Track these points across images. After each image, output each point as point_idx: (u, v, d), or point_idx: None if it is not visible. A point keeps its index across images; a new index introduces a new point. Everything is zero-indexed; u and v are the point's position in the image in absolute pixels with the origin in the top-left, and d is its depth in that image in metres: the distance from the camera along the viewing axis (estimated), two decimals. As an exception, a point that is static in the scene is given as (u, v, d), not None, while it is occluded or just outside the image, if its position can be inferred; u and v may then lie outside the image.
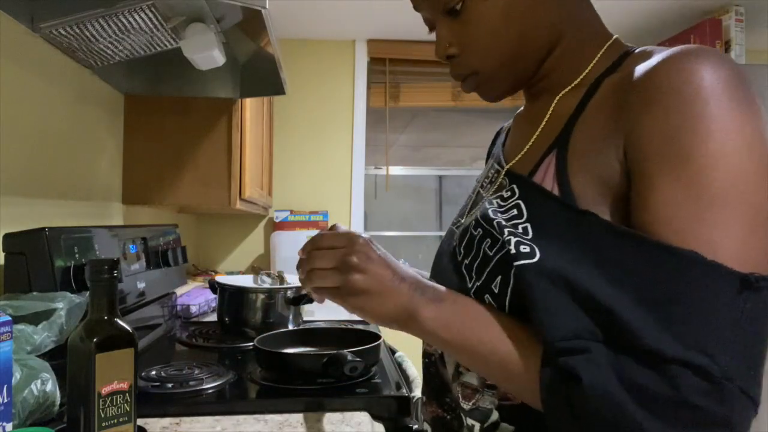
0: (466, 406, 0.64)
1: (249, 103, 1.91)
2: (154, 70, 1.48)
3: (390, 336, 1.53)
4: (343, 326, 1.58)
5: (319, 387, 1.04)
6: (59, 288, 0.98)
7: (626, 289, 0.47)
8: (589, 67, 0.64)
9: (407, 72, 3.07)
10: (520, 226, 0.57)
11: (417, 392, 1.06)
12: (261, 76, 1.53)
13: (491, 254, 0.59)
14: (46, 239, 0.98)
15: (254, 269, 1.70)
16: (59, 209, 1.31)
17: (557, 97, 0.65)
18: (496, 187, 0.68)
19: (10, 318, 0.69)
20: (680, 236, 0.47)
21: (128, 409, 0.67)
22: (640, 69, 0.55)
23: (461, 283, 0.63)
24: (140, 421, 0.82)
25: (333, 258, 0.59)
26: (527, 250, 0.54)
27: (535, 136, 0.66)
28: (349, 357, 1.02)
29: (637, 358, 0.45)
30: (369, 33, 2.92)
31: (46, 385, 0.79)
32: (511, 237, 0.56)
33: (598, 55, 0.64)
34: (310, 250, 0.61)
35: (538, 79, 0.68)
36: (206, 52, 1.17)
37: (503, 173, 0.67)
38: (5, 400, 0.68)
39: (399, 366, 1.27)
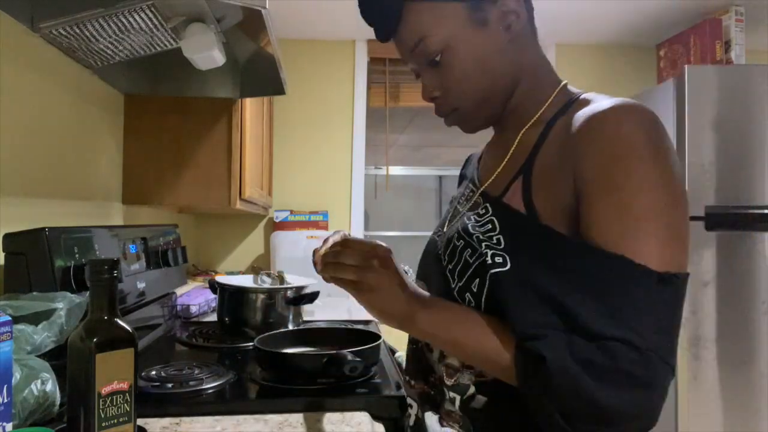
0: (449, 382, 0.79)
1: (249, 103, 1.91)
2: (154, 70, 1.48)
3: (390, 336, 1.53)
4: (343, 326, 1.58)
5: (319, 387, 1.04)
6: (59, 288, 0.98)
7: (575, 287, 0.62)
8: (543, 108, 0.79)
9: (407, 72, 3.07)
10: (494, 237, 0.72)
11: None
12: (261, 76, 1.53)
13: (471, 261, 0.73)
14: (46, 239, 0.98)
15: (254, 269, 1.70)
16: (59, 209, 1.31)
17: (521, 132, 0.80)
18: (471, 204, 0.83)
19: (10, 318, 0.69)
20: (613, 245, 0.62)
21: (128, 409, 0.67)
22: (581, 115, 0.70)
23: (446, 284, 0.77)
24: (140, 421, 0.82)
25: (358, 257, 0.72)
26: (500, 260, 0.68)
27: (503, 163, 0.81)
28: (349, 357, 1.02)
29: (585, 339, 0.59)
30: (369, 33, 2.91)
31: (46, 385, 0.79)
32: (488, 250, 0.70)
33: (551, 98, 0.80)
34: (340, 248, 0.74)
35: (505, 116, 0.83)
36: (206, 52, 1.17)
37: (478, 193, 0.82)
38: (5, 400, 0.68)
39: (399, 366, 1.27)
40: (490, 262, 0.69)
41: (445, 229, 0.87)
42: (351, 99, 3.00)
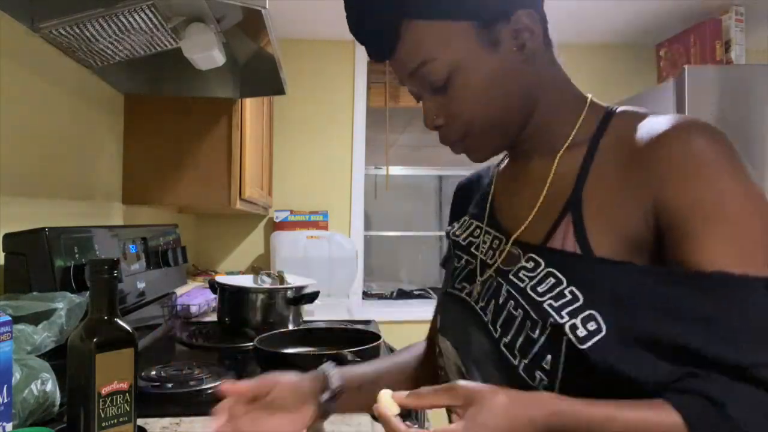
0: None
1: (249, 103, 1.91)
2: (154, 70, 1.48)
3: (390, 336, 1.53)
4: (343, 326, 1.58)
5: (319, 387, 1.04)
6: (59, 288, 0.98)
7: (689, 323, 0.54)
8: (576, 128, 0.70)
9: (407, 72, 3.07)
10: (566, 292, 0.61)
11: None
12: (261, 76, 1.52)
13: (535, 336, 0.62)
14: (46, 239, 0.98)
15: (254, 269, 1.70)
16: (59, 209, 1.31)
17: (556, 160, 0.70)
18: (504, 256, 0.70)
19: (10, 318, 0.69)
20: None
21: (128, 409, 0.67)
22: (644, 136, 0.62)
23: (502, 360, 0.65)
24: (140, 421, 0.82)
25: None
26: (594, 327, 0.58)
27: (540, 202, 0.69)
28: (349, 357, 1.02)
29: (735, 378, 0.52)
30: (369, 33, 2.92)
31: (46, 385, 0.79)
32: (573, 319, 0.59)
33: (582, 116, 0.70)
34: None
35: (521, 141, 0.73)
36: (206, 52, 1.17)
37: (510, 242, 0.70)
38: (5, 400, 0.68)
39: (399, 366, 1.27)
40: (584, 333, 0.58)
41: (475, 286, 0.74)
42: (351, 99, 3.00)
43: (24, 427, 0.75)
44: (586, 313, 0.59)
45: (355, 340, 1.20)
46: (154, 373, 1.11)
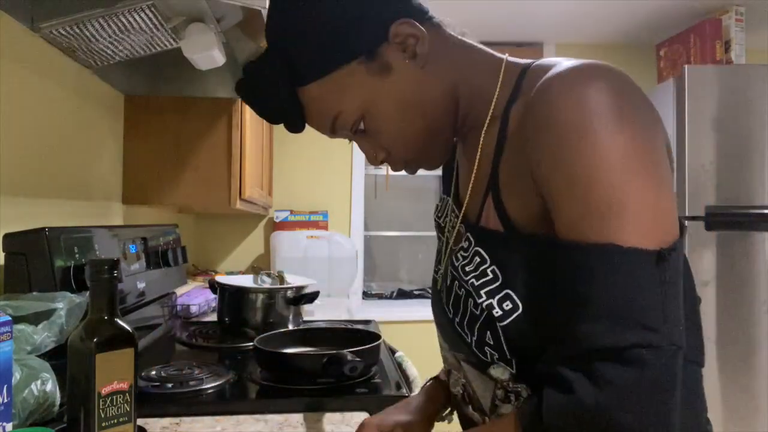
0: None
1: (249, 103, 1.91)
2: (154, 70, 1.48)
3: (390, 336, 1.53)
4: (343, 326, 1.58)
5: (319, 387, 1.04)
6: (59, 288, 0.98)
7: (573, 299, 0.53)
8: (494, 100, 0.67)
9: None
10: (488, 271, 0.63)
11: (417, 392, 1.06)
12: (261, 76, 1.52)
13: (477, 313, 0.65)
14: (46, 239, 0.98)
15: (254, 269, 1.70)
16: (59, 209, 1.31)
17: (481, 137, 0.68)
18: (455, 234, 0.73)
19: (10, 318, 0.69)
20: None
21: (128, 409, 0.67)
22: (534, 97, 0.59)
23: (462, 339, 0.68)
24: (140, 421, 0.82)
25: None
26: (509, 306, 0.60)
27: (472, 180, 0.70)
28: (349, 357, 1.02)
29: (602, 358, 0.50)
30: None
31: (46, 385, 0.79)
32: (489, 298, 0.62)
33: (498, 84, 0.67)
34: None
35: (461, 125, 0.72)
36: (206, 52, 1.17)
37: (459, 220, 0.72)
38: (5, 400, 0.68)
39: (399, 366, 1.27)
40: (499, 313, 0.60)
41: (441, 267, 0.77)
42: (351, 99, 2.99)
43: (24, 427, 0.75)
44: (503, 292, 0.61)
45: (355, 340, 1.20)
46: (154, 373, 1.11)
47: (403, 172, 0.77)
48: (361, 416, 0.96)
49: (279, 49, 0.67)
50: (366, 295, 3.13)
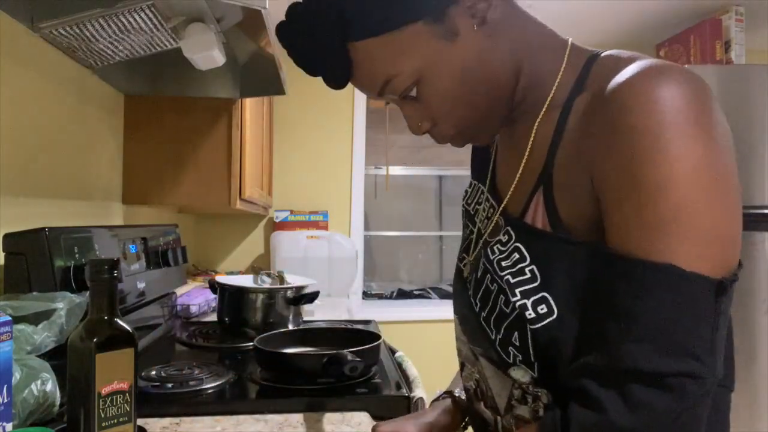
0: None
1: (249, 103, 1.91)
2: (154, 70, 1.48)
3: (390, 336, 1.53)
4: (343, 326, 1.58)
5: (319, 387, 1.04)
6: (59, 288, 0.98)
7: (622, 317, 0.50)
8: (555, 85, 0.63)
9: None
10: (526, 270, 0.59)
11: (417, 392, 1.06)
12: (261, 76, 1.52)
13: (507, 311, 0.61)
14: (46, 239, 0.98)
15: (254, 269, 1.70)
16: (59, 209, 1.31)
17: (535, 124, 0.64)
18: (492, 226, 0.69)
19: (10, 318, 0.69)
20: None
21: (128, 409, 0.67)
22: (600, 93, 0.55)
23: (485, 335, 0.65)
24: (140, 421, 0.82)
25: None
26: (544, 309, 0.57)
27: (520, 170, 0.66)
28: (349, 357, 1.02)
29: (644, 383, 0.48)
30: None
31: (46, 385, 0.79)
32: (524, 298, 0.58)
33: (561, 70, 0.64)
34: None
35: (515, 106, 0.68)
36: (206, 52, 1.17)
37: (498, 212, 0.68)
38: (5, 400, 0.68)
39: (399, 366, 1.27)
40: (532, 315, 0.57)
41: (470, 258, 0.73)
42: (351, 99, 2.99)
43: (24, 427, 0.75)
44: (540, 295, 0.57)
45: (355, 340, 1.20)
46: (154, 373, 1.11)
47: (403, 172, 0.75)
48: (361, 416, 0.96)
49: None
50: (366, 295, 3.13)
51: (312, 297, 1.54)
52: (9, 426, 0.69)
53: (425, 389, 1.08)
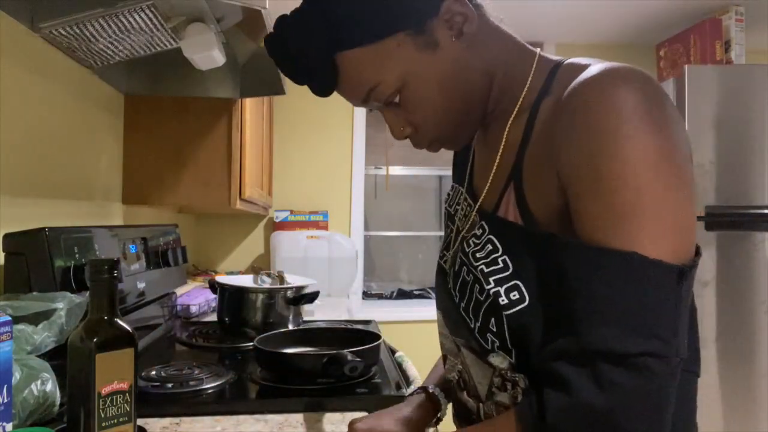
0: None
1: (249, 103, 1.91)
2: (154, 70, 1.48)
3: (390, 336, 1.53)
4: (343, 326, 1.58)
5: (319, 387, 1.04)
6: (59, 288, 0.98)
7: (590, 301, 0.53)
8: (524, 91, 0.68)
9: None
10: (498, 260, 0.64)
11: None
12: (261, 76, 1.53)
13: (482, 299, 0.65)
14: (46, 239, 0.98)
15: (254, 269, 1.70)
16: (59, 209, 1.31)
17: (506, 127, 0.69)
18: (470, 223, 0.73)
19: (10, 318, 0.69)
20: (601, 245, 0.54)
21: (128, 409, 0.67)
22: (566, 93, 0.59)
23: (465, 324, 0.68)
24: (140, 421, 0.82)
25: None
26: (516, 296, 0.61)
27: (494, 170, 0.70)
28: (349, 357, 1.02)
29: (609, 361, 0.51)
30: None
31: (46, 385, 0.79)
32: (498, 286, 0.62)
33: (530, 77, 0.68)
34: None
35: (486, 114, 0.73)
36: (206, 52, 1.17)
37: (475, 209, 0.72)
38: (5, 400, 0.68)
39: (399, 366, 1.27)
40: (505, 301, 0.61)
41: (449, 253, 0.77)
42: (351, 99, 2.99)
43: (24, 427, 0.75)
44: (512, 282, 0.61)
45: (355, 340, 1.20)
46: (154, 373, 1.11)
47: (402, 172, 0.77)
48: (361, 416, 0.96)
49: (321, 9, 0.65)
50: (366, 295, 3.13)
51: (312, 297, 1.54)
52: (9, 426, 0.69)
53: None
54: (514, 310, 0.61)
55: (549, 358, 0.55)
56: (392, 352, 1.37)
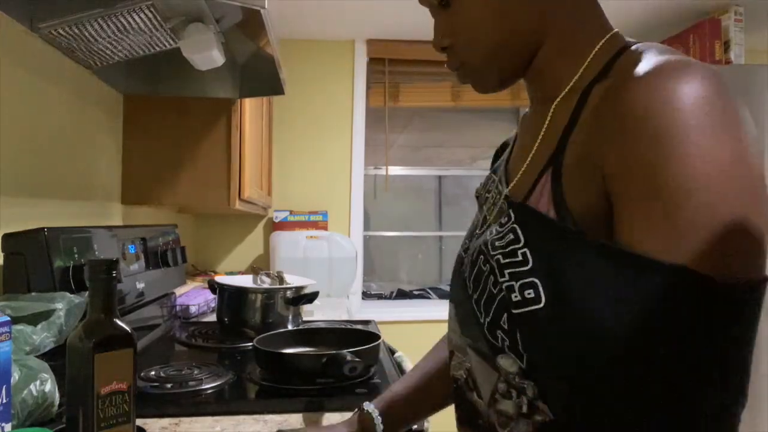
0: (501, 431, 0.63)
1: (248, 103, 1.91)
2: (154, 70, 1.48)
3: (390, 336, 1.53)
4: (343, 326, 1.58)
5: (319, 387, 1.04)
6: (58, 288, 0.98)
7: (619, 313, 0.48)
8: (581, 69, 0.61)
9: (407, 72, 3.07)
10: (518, 252, 0.57)
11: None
12: (260, 76, 1.52)
13: (495, 292, 0.59)
14: (45, 239, 0.98)
15: (254, 269, 1.70)
16: (58, 209, 1.31)
17: (552, 107, 0.63)
18: (497, 211, 0.67)
19: (9, 318, 0.69)
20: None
21: (127, 410, 0.67)
22: (621, 84, 0.53)
23: (476, 319, 0.63)
24: (139, 421, 0.81)
25: None
26: (531, 294, 0.54)
27: (531, 154, 0.64)
28: (348, 357, 1.02)
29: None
30: (368, 33, 2.92)
31: (45, 385, 0.79)
32: (513, 281, 0.56)
33: (592, 54, 0.62)
34: None
35: (533, 78, 0.68)
36: (206, 52, 1.17)
37: (502, 197, 0.67)
38: (4, 401, 0.68)
39: (399, 366, 1.27)
40: (517, 298, 0.54)
41: (471, 243, 0.71)
42: (350, 99, 2.99)
43: (23, 427, 0.75)
44: (529, 279, 0.54)
45: (355, 340, 1.20)
46: (153, 373, 1.11)
47: (402, 172, 0.76)
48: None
49: None
50: (366, 295, 3.13)
51: (311, 297, 1.54)
52: (8, 426, 0.69)
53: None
54: (526, 309, 0.54)
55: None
56: (392, 352, 1.37)
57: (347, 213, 2.98)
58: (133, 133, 1.73)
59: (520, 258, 0.56)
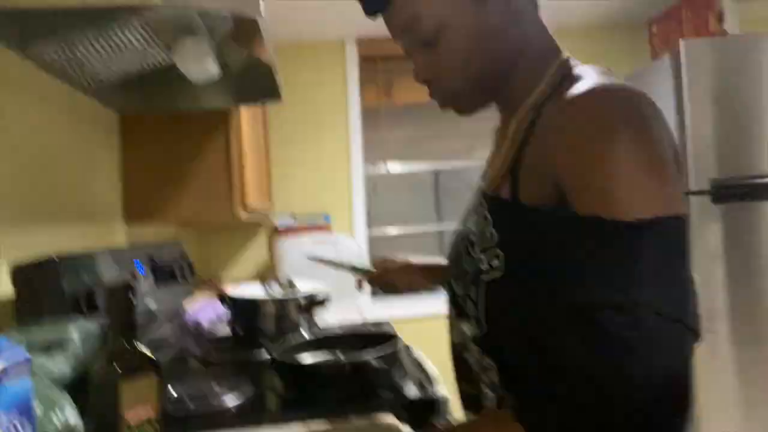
0: (486, 380, 0.75)
1: (244, 111, 1.89)
2: (148, 87, 1.46)
3: (403, 333, 1.52)
4: (360, 330, 1.57)
5: (343, 394, 1.03)
6: (70, 314, 0.97)
7: (562, 267, 0.59)
8: (538, 90, 0.72)
9: (399, 69, 3.06)
10: (487, 231, 0.70)
11: (440, 391, 1.05)
12: (256, 83, 1.51)
13: (467, 268, 0.73)
14: (57, 268, 0.97)
15: (261, 278, 1.69)
16: (61, 233, 1.29)
17: (515, 119, 0.73)
18: (476, 201, 0.80)
19: (29, 357, 0.67)
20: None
21: (157, 436, 0.66)
22: (564, 104, 0.65)
23: (452, 293, 0.77)
24: (167, 445, 0.80)
25: None
26: (496, 264, 0.67)
27: (500, 157, 0.75)
28: (375, 364, 1.01)
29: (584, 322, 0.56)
30: (357, 32, 2.90)
31: (69, 417, 0.77)
32: (482, 254, 0.69)
33: (547, 77, 0.72)
34: None
35: (500, 99, 0.79)
36: (200, 65, 1.16)
37: (481, 191, 0.78)
38: (30, 437, 0.67)
39: (420, 366, 1.26)
40: (485, 267, 0.68)
41: (461, 227, 0.85)
42: (345, 99, 2.98)
43: (50, 461, 0.74)
44: (496, 251, 0.68)
45: (373, 341, 1.19)
46: (173, 393, 1.10)
47: (402, 171, 0.82)
48: (386, 418, 0.95)
49: None
50: (375, 293, 3.12)
51: (324, 302, 1.52)
52: (36, 462, 0.68)
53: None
54: (491, 277, 0.67)
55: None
56: (409, 350, 1.36)
57: (349, 214, 2.97)
58: (131, 150, 1.71)
59: (488, 235, 0.70)
